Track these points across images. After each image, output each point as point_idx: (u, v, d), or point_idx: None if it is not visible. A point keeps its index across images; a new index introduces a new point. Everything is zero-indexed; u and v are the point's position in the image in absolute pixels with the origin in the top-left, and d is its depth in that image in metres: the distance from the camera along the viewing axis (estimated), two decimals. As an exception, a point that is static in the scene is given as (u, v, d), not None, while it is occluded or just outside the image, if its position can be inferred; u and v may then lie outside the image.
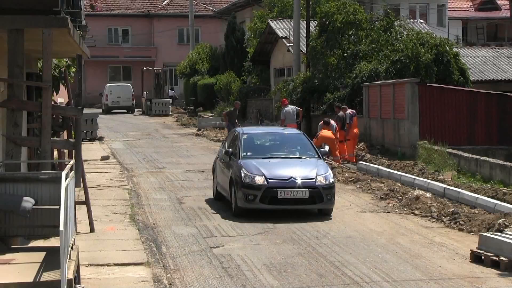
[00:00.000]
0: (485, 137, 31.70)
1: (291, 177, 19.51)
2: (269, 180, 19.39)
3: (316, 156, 21.41)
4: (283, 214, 19.82)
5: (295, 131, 24.91)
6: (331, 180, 20.06)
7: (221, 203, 21.87)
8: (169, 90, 75.02)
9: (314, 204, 19.83)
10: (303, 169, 20.18)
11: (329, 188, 19.72)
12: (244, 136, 21.74)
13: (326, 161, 23.68)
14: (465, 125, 31.73)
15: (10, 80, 14.17)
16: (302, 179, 19.52)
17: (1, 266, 11.56)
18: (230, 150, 21.33)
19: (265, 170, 19.69)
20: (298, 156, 21.61)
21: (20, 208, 12.62)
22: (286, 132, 24.28)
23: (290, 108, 35.01)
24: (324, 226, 18.87)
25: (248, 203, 19.45)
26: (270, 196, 19.31)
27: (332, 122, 30.47)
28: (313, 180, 19.57)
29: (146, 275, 13.97)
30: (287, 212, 19.99)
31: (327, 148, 26.75)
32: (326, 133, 29.70)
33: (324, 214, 20.05)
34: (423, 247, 16.75)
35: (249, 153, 20.98)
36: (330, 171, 20.53)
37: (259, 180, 19.36)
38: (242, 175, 19.52)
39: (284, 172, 19.91)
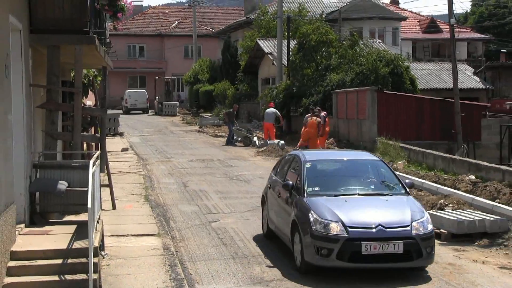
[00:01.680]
0: (430, 134, 31.74)
1: (379, 224, 11.97)
2: (350, 229, 11.83)
3: (403, 191, 13.63)
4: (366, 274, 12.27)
5: (370, 156, 15.45)
6: (430, 226, 12.42)
7: (276, 245, 14.29)
8: (180, 93, 76.07)
9: (410, 261, 12.05)
10: (393, 212, 12.64)
11: (429, 239, 12.16)
12: (307, 165, 13.81)
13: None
14: (414, 124, 31.76)
15: (48, 87, 14.16)
16: (393, 227, 12.06)
17: (41, 236, 11.58)
18: (291, 183, 13.47)
19: (342, 213, 12.19)
20: (380, 192, 13.54)
21: (56, 189, 12.63)
22: (359, 158, 15.24)
23: (271, 110, 35.40)
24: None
25: (320, 258, 11.88)
26: (351, 251, 11.67)
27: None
28: (408, 228, 12.08)
29: (157, 244, 13.99)
30: (373, 272, 12.35)
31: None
32: (312, 125, 29.75)
33: (417, 270, 12.53)
34: (380, 222, 16.76)
35: (317, 188, 13.20)
36: (427, 214, 12.81)
37: (335, 228, 11.87)
38: (311, 219, 12.07)
39: (368, 216, 12.30)
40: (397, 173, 15.48)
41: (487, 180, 20.68)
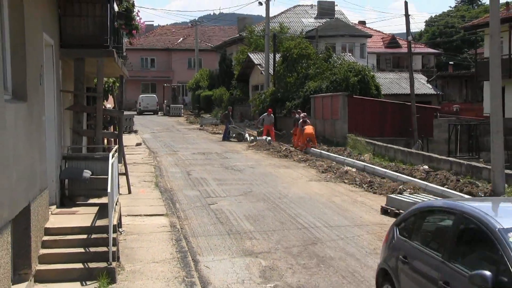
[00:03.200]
0: (391, 131, 31.88)
1: None
2: None
3: None
4: None
5: None
6: None
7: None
8: (184, 97, 75.80)
9: None
10: None
11: None
12: None
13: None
14: (378, 123, 31.88)
15: (75, 92, 14.17)
16: None
17: (70, 215, 11.60)
18: (488, 274, 5.51)
19: None
20: None
21: (82, 177, 12.65)
22: None
23: (271, 117, 35.28)
24: (284, 190, 18.94)
25: None
26: None
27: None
28: None
29: (165, 222, 14.02)
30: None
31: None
32: (309, 129, 29.76)
33: None
34: (350, 204, 16.87)
35: None
36: None
37: None
38: None
39: None
40: None
41: (438, 169, 20.84)
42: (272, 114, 35.48)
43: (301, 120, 30.53)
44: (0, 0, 8.32)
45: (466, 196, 16.18)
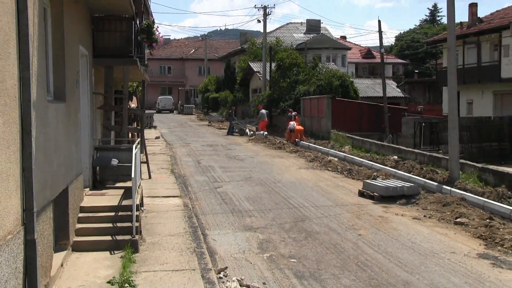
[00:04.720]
0: (367, 128, 31.89)
1: None
2: None
3: None
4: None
5: None
6: None
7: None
8: (195, 99, 75.63)
9: None
10: None
11: None
12: None
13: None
14: (356, 121, 31.89)
15: (105, 94, 14.17)
16: None
17: (100, 196, 11.62)
18: None
19: None
20: None
21: (110, 164, 12.66)
22: None
23: (264, 111, 35.19)
24: (278, 176, 18.96)
25: None
26: None
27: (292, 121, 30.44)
28: None
29: (179, 203, 14.03)
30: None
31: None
32: (299, 127, 29.88)
33: None
34: (332, 188, 16.89)
35: None
36: None
37: None
38: None
39: None
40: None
41: (405, 159, 20.86)
42: (262, 110, 35.36)
43: (292, 120, 30.62)
44: (45, 19, 8.33)
45: (428, 181, 16.25)
